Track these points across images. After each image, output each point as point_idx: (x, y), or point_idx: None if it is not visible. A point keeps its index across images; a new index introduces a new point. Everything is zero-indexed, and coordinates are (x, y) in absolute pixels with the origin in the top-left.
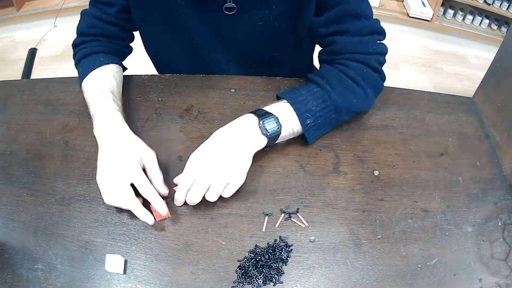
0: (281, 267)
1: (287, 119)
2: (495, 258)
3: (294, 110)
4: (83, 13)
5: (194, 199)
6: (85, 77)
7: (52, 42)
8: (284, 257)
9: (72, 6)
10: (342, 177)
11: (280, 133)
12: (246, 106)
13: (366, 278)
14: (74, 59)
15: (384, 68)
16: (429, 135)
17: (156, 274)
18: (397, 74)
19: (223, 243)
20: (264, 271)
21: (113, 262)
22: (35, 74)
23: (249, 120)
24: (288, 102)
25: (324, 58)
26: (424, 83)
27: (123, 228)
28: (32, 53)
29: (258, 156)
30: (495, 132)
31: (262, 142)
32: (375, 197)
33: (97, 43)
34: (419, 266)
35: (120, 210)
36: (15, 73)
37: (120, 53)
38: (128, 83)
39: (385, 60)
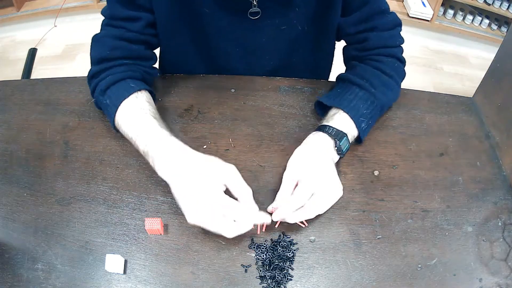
0: (288, 269)
1: (349, 129)
2: (495, 258)
3: (351, 117)
4: (97, 39)
5: (298, 203)
6: (117, 108)
7: (52, 42)
8: (290, 255)
9: (72, 6)
10: (342, 177)
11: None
12: (246, 106)
13: (366, 278)
14: (94, 91)
15: None
16: (429, 135)
17: (156, 274)
18: None
19: (223, 243)
20: (275, 273)
21: (113, 262)
22: (35, 74)
23: (325, 142)
24: (343, 110)
25: (355, 54)
26: (424, 83)
27: (123, 228)
28: (32, 53)
29: (258, 156)
30: (495, 132)
31: (336, 159)
32: (375, 197)
33: (122, 68)
34: (419, 266)
35: (120, 209)
36: (15, 73)
37: (147, 77)
38: None
39: (403, 49)
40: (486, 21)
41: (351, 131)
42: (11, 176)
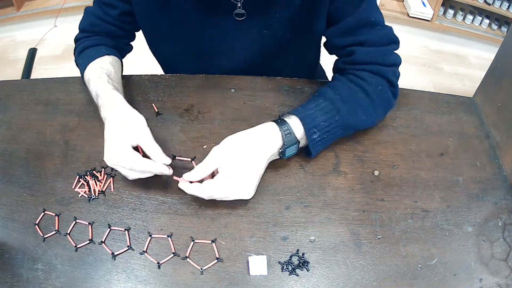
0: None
1: (300, 136)
2: (495, 258)
3: (303, 124)
4: (87, 11)
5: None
6: (86, 67)
7: (52, 42)
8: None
9: (72, 6)
10: (342, 177)
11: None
12: (246, 106)
13: (366, 278)
14: (74, 52)
15: None
16: (429, 135)
17: (156, 274)
18: None
19: (223, 243)
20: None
21: (257, 264)
22: (35, 74)
23: (273, 139)
24: (296, 116)
25: (341, 67)
26: (424, 83)
27: (123, 228)
28: (32, 53)
29: None
30: (495, 132)
31: (276, 156)
32: (375, 197)
33: (99, 37)
34: (419, 266)
35: (120, 209)
36: (15, 73)
37: (120, 50)
38: (128, 83)
39: (399, 73)
40: (486, 21)
41: (302, 140)
42: (11, 176)
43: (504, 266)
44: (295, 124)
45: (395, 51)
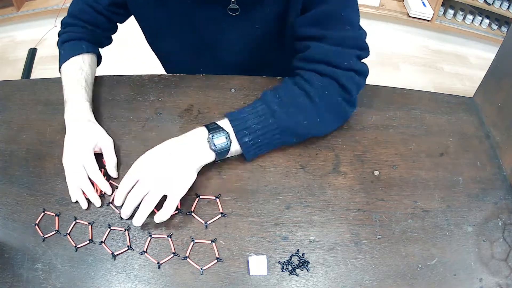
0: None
1: (232, 137)
2: (495, 258)
3: (232, 127)
4: None
5: (133, 201)
6: (65, 61)
7: (52, 42)
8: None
9: None
10: (342, 177)
11: (230, 149)
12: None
13: (366, 278)
14: (59, 36)
15: (385, 68)
16: (429, 135)
17: (156, 274)
18: (397, 74)
19: (223, 243)
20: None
21: (257, 264)
22: (35, 74)
23: (200, 134)
24: (228, 118)
25: (295, 65)
26: (424, 83)
27: (123, 228)
28: (32, 53)
29: (258, 156)
30: (495, 132)
31: (210, 156)
32: (375, 197)
33: (83, 29)
34: (419, 266)
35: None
36: (15, 73)
37: (100, 43)
38: (128, 83)
39: (363, 82)
40: (486, 21)
41: (234, 142)
42: (11, 176)
43: (504, 266)
44: (226, 126)
45: (360, 60)
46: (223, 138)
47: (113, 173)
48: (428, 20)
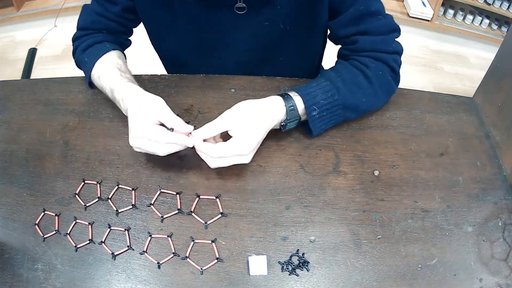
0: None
1: (301, 113)
2: (495, 258)
3: (304, 101)
4: (85, 8)
5: (221, 152)
6: (94, 64)
7: (52, 42)
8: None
9: (72, 6)
10: (342, 177)
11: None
12: None
13: (366, 278)
14: (75, 51)
15: None
16: (429, 135)
17: (156, 274)
18: None
19: (223, 243)
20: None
21: (257, 264)
22: (35, 74)
23: (277, 111)
24: (298, 93)
25: (345, 53)
26: (424, 83)
27: (123, 228)
28: (32, 53)
29: (258, 156)
30: (495, 132)
31: (273, 126)
32: (375, 197)
33: (101, 34)
34: (419, 266)
35: (119, 209)
36: (15, 73)
37: (121, 44)
38: None
39: (401, 61)
40: (486, 21)
41: (303, 116)
42: (11, 176)
43: (504, 266)
44: (298, 101)
45: (396, 39)
46: (294, 124)
47: (187, 128)
48: (428, 20)
